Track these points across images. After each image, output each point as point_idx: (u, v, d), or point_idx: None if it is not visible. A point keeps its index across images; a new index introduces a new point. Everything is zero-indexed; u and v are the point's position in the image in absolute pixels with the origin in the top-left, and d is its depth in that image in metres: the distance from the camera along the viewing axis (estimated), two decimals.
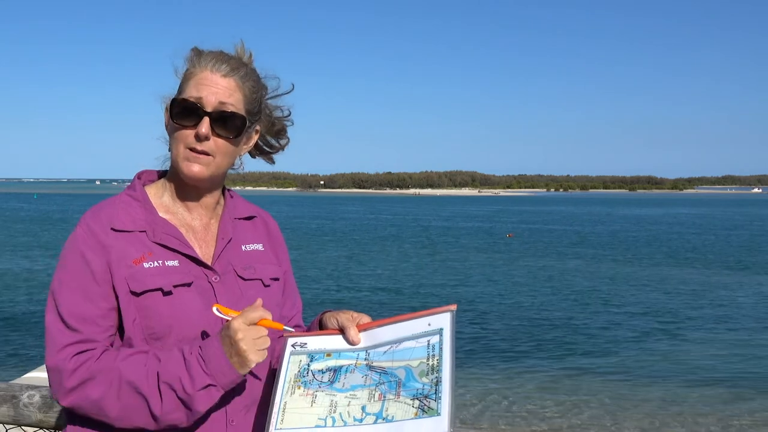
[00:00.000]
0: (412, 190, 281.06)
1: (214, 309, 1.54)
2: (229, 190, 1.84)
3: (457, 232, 57.38)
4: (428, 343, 1.53)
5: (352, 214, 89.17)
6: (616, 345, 17.26)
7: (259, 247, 1.80)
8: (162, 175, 1.79)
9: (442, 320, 1.55)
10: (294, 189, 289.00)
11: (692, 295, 25.00)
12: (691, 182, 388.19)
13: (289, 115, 1.88)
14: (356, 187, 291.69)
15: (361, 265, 33.14)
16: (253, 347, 1.49)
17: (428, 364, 1.51)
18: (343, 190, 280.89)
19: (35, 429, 2.24)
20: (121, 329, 1.60)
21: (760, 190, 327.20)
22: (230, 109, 1.64)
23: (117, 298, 1.58)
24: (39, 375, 12.01)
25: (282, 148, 1.91)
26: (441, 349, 1.52)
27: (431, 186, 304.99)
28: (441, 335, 1.53)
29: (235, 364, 1.50)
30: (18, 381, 7.32)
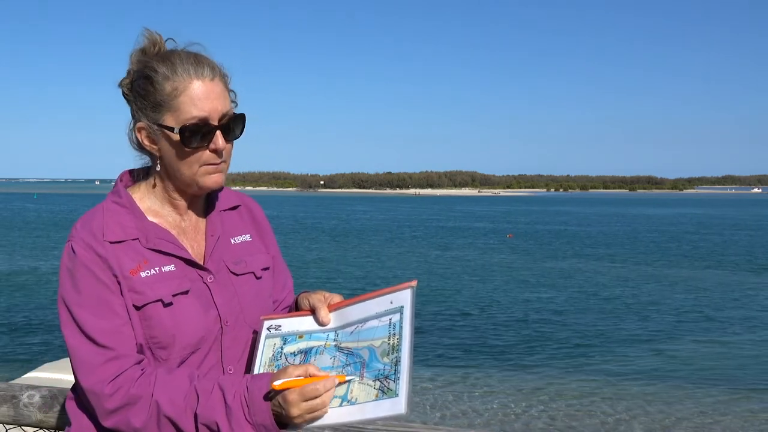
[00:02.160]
0: (412, 190, 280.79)
1: (276, 383, 1.48)
2: None
3: (475, 232, 56.68)
4: (390, 322, 1.53)
5: (363, 214, 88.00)
6: (653, 349, 16.88)
7: (247, 237, 1.78)
8: (143, 174, 1.74)
9: (403, 297, 1.55)
10: (294, 189, 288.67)
11: (731, 298, 24.43)
12: (691, 182, 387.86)
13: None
14: (356, 187, 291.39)
15: (386, 268, 32.37)
16: (307, 416, 1.47)
17: (389, 343, 1.50)
18: (343, 190, 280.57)
19: (35, 429, 2.23)
20: None
21: (760, 190, 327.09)
22: (231, 113, 1.63)
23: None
24: (39, 375, 11.71)
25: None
26: (401, 327, 1.51)
27: (431, 186, 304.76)
28: (401, 313, 1.53)
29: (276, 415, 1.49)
30: (18, 381, 6.98)
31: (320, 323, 1.62)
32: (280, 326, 1.66)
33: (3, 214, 76.34)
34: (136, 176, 1.74)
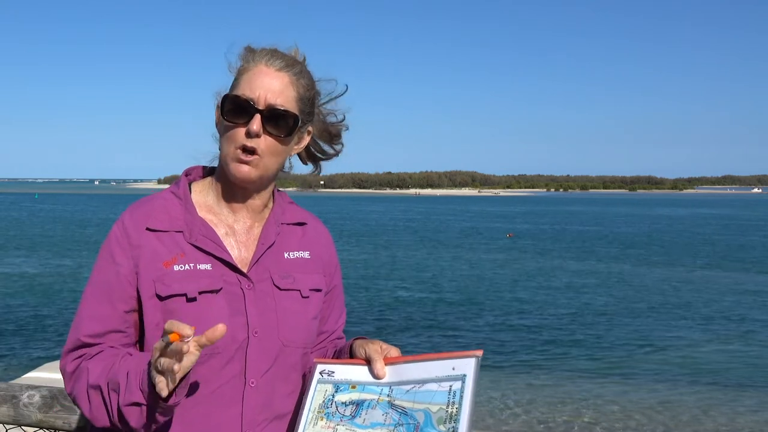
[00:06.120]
0: (412, 190, 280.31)
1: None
2: (283, 194, 1.80)
3: (499, 233, 55.95)
4: (450, 389, 1.50)
5: (378, 215, 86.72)
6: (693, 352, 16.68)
7: (305, 254, 1.74)
8: (210, 172, 1.75)
9: (467, 366, 1.51)
10: (294, 189, 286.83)
11: None
12: (691, 182, 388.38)
13: (344, 119, 1.82)
14: (356, 187, 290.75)
15: (423, 272, 31.33)
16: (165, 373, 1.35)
17: (447, 411, 1.47)
18: (343, 190, 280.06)
19: (35, 429, 2.24)
20: (142, 333, 1.59)
21: (760, 190, 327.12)
22: (282, 107, 1.60)
23: (140, 301, 1.57)
24: (39, 375, 11.76)
25: (336, 154, 1.84)
26: (462, 397, 1.48)
27: (431, 186, 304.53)
28: (463, 382, 1.49)
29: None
30: (18, 381, 6.96)
31: (375, 376, 1.58)
32: (333, 372, 1.64)
33: (10, 214, 76.25)
34: (208, 173, 1.76)
